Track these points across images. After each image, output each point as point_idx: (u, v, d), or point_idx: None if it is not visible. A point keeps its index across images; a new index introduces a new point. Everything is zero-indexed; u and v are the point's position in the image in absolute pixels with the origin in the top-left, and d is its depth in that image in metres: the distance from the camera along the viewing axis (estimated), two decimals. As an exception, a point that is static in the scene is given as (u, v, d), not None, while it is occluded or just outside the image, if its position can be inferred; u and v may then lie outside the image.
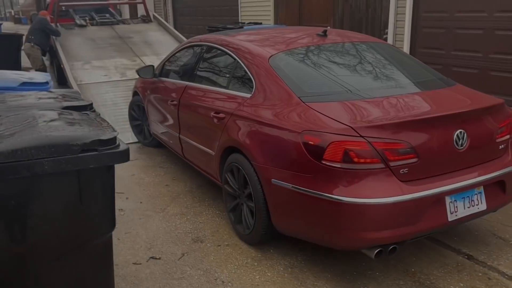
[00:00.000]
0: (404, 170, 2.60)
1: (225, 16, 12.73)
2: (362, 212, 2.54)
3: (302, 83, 3.14)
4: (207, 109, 3.73)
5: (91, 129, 2.13)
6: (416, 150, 2.62)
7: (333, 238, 2.73)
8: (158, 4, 17.48)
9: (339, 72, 3.31)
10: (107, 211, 2.15)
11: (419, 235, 2.70)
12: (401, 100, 2.94)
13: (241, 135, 3.21)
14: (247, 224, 3.31)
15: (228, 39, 3.99)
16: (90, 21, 10.42)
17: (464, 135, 2.79)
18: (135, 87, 5.71)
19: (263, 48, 3.56)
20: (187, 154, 4.37)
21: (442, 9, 6.62)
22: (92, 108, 2.73)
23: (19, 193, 1.93)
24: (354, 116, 2.73)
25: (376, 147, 2.54)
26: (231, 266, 3.12)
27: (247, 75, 3.47)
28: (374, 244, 2.62)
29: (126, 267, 3.14)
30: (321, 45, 3.65)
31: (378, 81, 3.31)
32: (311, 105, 2.88)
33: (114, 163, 2.07)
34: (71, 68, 7.95)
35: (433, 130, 2.71)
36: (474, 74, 6.32)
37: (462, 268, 3.02)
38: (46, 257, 2.04)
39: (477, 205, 2.84)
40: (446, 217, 2.71)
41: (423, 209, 2.62)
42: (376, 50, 3.73)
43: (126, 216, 3.89)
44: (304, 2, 9.44)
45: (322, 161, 2.60)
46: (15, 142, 1.87)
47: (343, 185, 2.57)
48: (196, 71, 4.26)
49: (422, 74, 3.56)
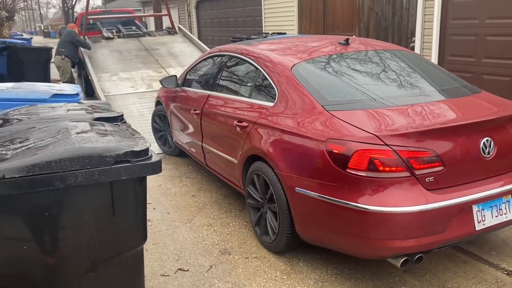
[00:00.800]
0: (430, 178, 2.58)
1: (249, 27, 12.80)
2: (388, 221, 2.51)
3: (325, 91, 3.13)
4: (230, 118, 3.75)
5: (123, 140, 2.12)
6: (442, 158, 2.60)
7: (357, 247, 2.71)
8: (183, 16, 17.74)
9: (362, 80, 3.28)
10: (139, 223, 2.14)
11: (445, 244, 2.67)
12: (425, 108, 2.91)
13: (264, 143, 3.21)
14: (271, 231, 3.31)
15: (249, 48, 4.02)
16: (117, 33, 10.62)
17: (491, 143, 2.76)
18: (158, 97, 5.83)
19: (286, 57, 3.57)
20: (210, 162, 4.38)
21: (472, 15, 6.48)
22: (123, 119, 2.74)
23: (52, 205, 1.94)
24: (378, 124, 2.70)
25: (401, 155, 2.53)
26: (259, 279, 3.07)
27: (269, 84, 3.48)
28: (400, 253, 2.59)
29: (154, 278, 3.12)
30: (343, 53, 3.63)
31: (401, 89, 3.27)
32: (335, 113, 2.87)
33: (147, 175, 2.06)
34: (98, 80, 8.10)
35: (459, 138, 2.68)
36: (506, 82, 6.14)
37: (502, 285, 2.89)
38: (78, 269, 2.04)
39: (505, 214, 2.78)
40: (473, 226, 2.66)
41: (449, 218, 2.58)
42: (399, 58, 3.70)
43: (153, 227, 3.88)
44: (329, 11, 9.39)
45: (347, 170, 2.59)
46: (49, 153, 1.88)
47: (368, 193, 2.55)
48: (218, 81, 4.30)
49: (447, 81, 3.51)
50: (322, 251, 3.35)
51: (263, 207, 3.42)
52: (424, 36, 7.25)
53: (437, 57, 7.08)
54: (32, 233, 1.93)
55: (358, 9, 8.54)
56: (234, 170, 3.78)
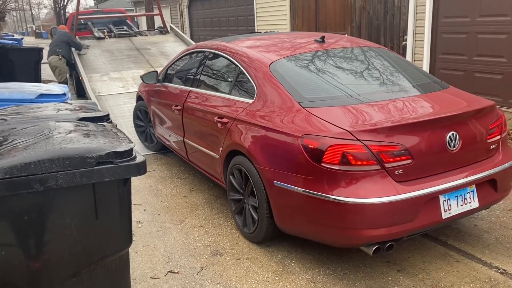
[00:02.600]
0: (399, 171, 2.72)
1: (241, 26, 12.75)
2: (360, 211, 2.66)
3: (301, 88, 3.25)
4: (211, 114, 3.85)
5: (106, 141, 2.06)
6: (410, 152, 2.74)
7: (332, 236, 2.86)
8: (175, 16, 17.66)
9: (337, 77, 3.40)
10: (123, 227, 2.08)
11: (414, 232, 2.81)
12: (396, 104, 3.06)
13: (244, 139, 3.32)
14: (251, 223, 3.42)
15: (228, 45, 4.12)
16: (108, 33, 10.52)
17: (457, 137, 2.91)
18: (139, 92, 5.87)
19: (264, 54, 3.67)
20: (192, 157, 4.50)
21: (463, 13, 6.47)
22: (109, 119, 2.68)
23: (33, 208, 1.87)
24: (351, 120, 2.84)
25: (372, 149, 2.67)
26: (251, 280, 3.02)
27: (249, 81, 3.59)
28: (372, 241, 2.73)
29: (144, 281, 3.06)
30: (320, 51, 3.76)
31: (375, 85, 3.39)
32: (311, 110, 3.00)
33: (131, 176, 1.99)
34: (89, 80, 8.00)
35: (426, 132, 2.82)
36: (498, 80, 6.13)
37: (495, 284, 2.86)
38: (60, 275, 1.97)
39: (470, 203, 2.95)
40: (440, 214, 2.82)
41: (417, 207, 2.73)
42: (376, 55, 3.83)
43: (143, 229, 3.82)
44: (321, 10, 9.36)
45: (322, 164, 2.73)
46: (28, 155, 1.81)
47: (342, 186, 2.69)
48: (199, 77, 4.39)
49: (419, 77, 3.64)
50: (314, 250, 3.31)
51: (243, 198, 3.54)
52: (416, 34, 7.23)
53: (429, 55, 7.07)
54: (12, 237, 1.86)
55: (350, 8, 8.52)
56: (215, 165, 3.89)
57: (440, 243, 3.38)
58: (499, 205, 3.93)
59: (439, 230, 3.52)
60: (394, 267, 3.09)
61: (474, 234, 3.48)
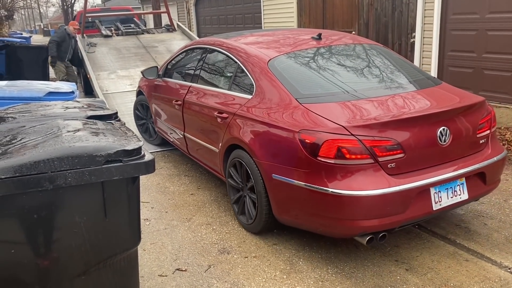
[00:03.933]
0: (392, 164, 2.83)
1: (248, 24, 12.73)
2: (354, 203, 2.77)
3: (299, 85, 3.35)
4: (211, 109, 3.95)
5: (115, 139, 2.06)
6: (402, 146, 2.85)
7: (328, 227, 2.97)
8: (182, 14, 17.66)
9: (334, 73, 3.49)
10: (132, 225, 2.08)
11: (406, 223, 2.93)
12: (391, 100, 3.16)
13: (244, 134, 3.43)
14: (249, 215, 3.54)
15: (228, 41, 4.20)
16: (115, 31, 10.54)
17: (447, 132, 3.01)
18: (139, 87, 5.96)
19: (262, 51, 3.76)
20: (192, 151, 4.61)
21: (472, 10, 6.40)
22: (117, 117, 2.68)
23: (42, 206, 1.88)
24: (346, 116, 2.94)
25: (365, 144, 2.77)
26: (259, 279, 3.01)
27: (248, 77, 3.68)
28: (365, 231, 2.85)
29: (151, 279, 3.07)
30: (317, 48, 3.84)
31: (370, 81, 3.49)
32: (308, 106, 3.11)
33: (139, 174, 1.99)
34: (97, 78, 8.03)
35: (418, 127, 2.92)
36: (507, 77, 6.07)
37: (505, 283, 2.83)
38: (70, 272, 1.98)
39: (460, 195, 3.07)
40: (431, 206, 2.93)
41: (409, 199, 2.84)
42: (373, 52, 3.94)
43: (151, 226, 3.83)
44: (328, 7, 9.31)
45: (318, 158, 2.83)
46: (38, 153, 1.82)
47: (337, 179, 2.80)
48: (200, 73, 4.46)
49: (414, 73, 3.73)
50: (322, 248, 3.30)
51: (242, 190, 3.66)
52: (424, 31, 7.17)
53: (438, 52, 7.01)
54: (21, 235, 1.87)
55: (358, 5, 8.46)
56: (215, 158, 4.00)
57: (449, 242, 3.35)
58: (510, 204, 3.89)
59: (448, 229, 3.50)
60: (402, 266, 3.07)
61: (483, 233, 3.45)
